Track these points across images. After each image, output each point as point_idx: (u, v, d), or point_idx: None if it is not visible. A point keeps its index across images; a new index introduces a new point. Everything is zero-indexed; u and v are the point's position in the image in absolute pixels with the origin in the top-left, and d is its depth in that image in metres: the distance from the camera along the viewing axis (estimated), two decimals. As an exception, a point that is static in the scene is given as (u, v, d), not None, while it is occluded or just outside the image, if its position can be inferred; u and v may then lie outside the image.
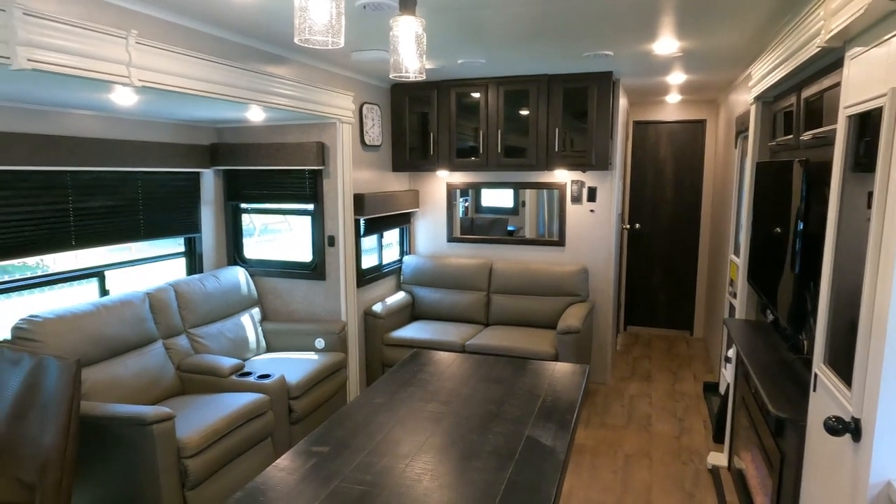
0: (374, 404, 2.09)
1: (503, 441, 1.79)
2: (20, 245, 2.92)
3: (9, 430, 2.24)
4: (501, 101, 4.45)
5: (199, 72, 2.67)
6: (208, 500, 2.82)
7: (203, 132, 4.01)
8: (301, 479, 1.59)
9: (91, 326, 2.98)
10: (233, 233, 4.26)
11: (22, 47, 1.96)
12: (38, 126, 2.94)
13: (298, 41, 1.48)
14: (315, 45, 1.49)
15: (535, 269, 4.66)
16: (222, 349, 3.69)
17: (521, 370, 2.49)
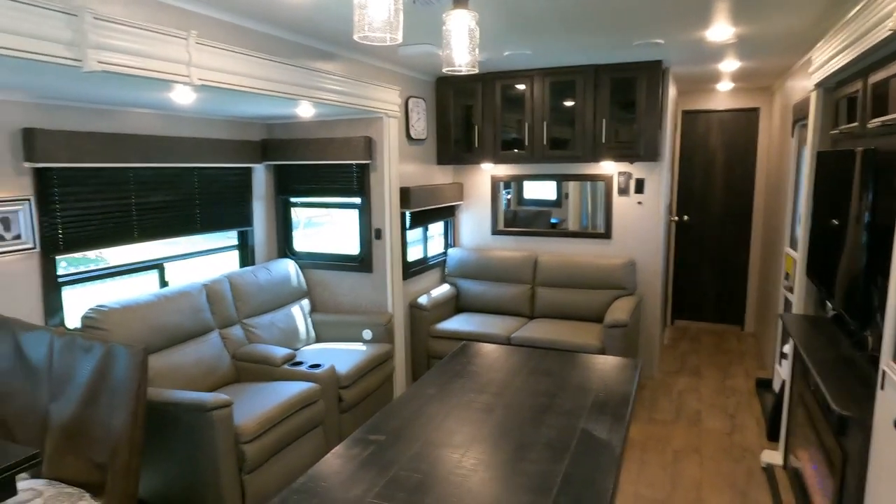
0: (426, 395, 2.13)
1: (557, 434, 1.80)
2: (89, 238, 3.07)
3: (82, 413, 2.37)
4: (547, 92, 4.41)
5: (253, 70, 2.75)
6: (263, 484, 2.92)
7: (254, 128, 4.12)
8: (360, 466, 1.64)
9: (153, 316, 3.12)
10: (283, 226, 4.37)
11: (92, 50, 2.06)
12: (104, 125, 3.09)
13: (358, 38, 1.51)
14: (374, 41, 1.52)
15: (581, 261, 4.62)
16: (274, 339, 3.80)
17: (570, 363, 2.48)
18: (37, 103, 2.79)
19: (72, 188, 2.97)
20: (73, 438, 2.39)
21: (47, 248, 2.87)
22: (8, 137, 2.68)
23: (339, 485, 1.55)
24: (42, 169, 2.82)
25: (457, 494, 1.50)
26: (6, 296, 2.72)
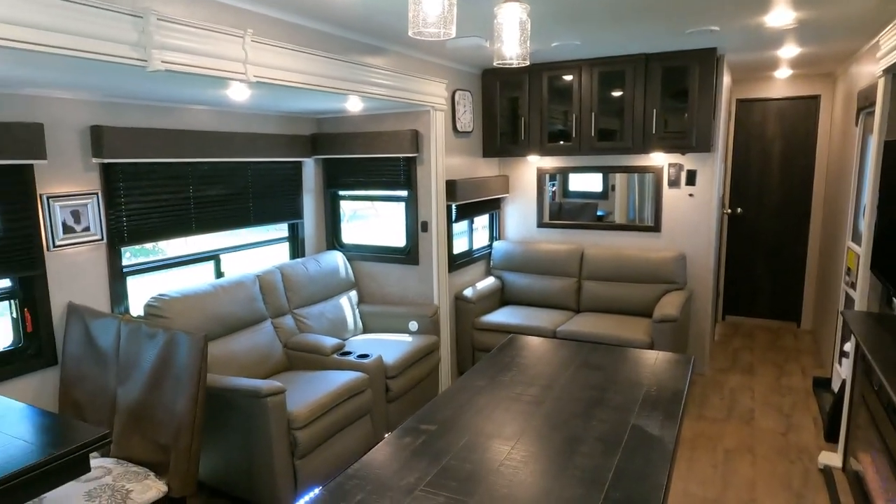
0: (475, 387, 2.15)
1: (608, 428, 1.79)
2: (151, 230, 3.22)
3: (147, 397, 2.50)
4: (595, 82, 4.34)
5: (305, 66, 2.81)
6: (314, 469, 3.01)
7: (305, 123, 4.21)
8: (411, 455, 1.67)
9: (210, 305, 3.25)
10: (331, 219, 4.46)
11: (156, 50, 2.14)
12: (165, 121, 3.22)
13: (412, 34, 1.53)
14: (428, 36, 1.53)
15: (629, 255, 4.54)
16: (323, 329, 3.89)
17: (620, 358, 2.45)
18: (103, 102, 2.93)
19: (135, 182, 3.11)
20: (138, 420, 2.52)
21: (113, 240, 3.02)
22: (78, 135, 2.83)
23: (392, 473, 1.58)
24: (108, 164, 2.96)
25: (507, 486, 1.52)
26: (77, 285, 2.88)
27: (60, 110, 2.76)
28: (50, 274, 2.77)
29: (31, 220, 2.68)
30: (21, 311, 2.72)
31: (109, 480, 2.30)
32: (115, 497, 2.22)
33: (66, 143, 2.79)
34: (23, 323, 2.72)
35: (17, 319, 2.72)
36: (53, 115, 2.73)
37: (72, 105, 2.80)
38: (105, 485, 2.27)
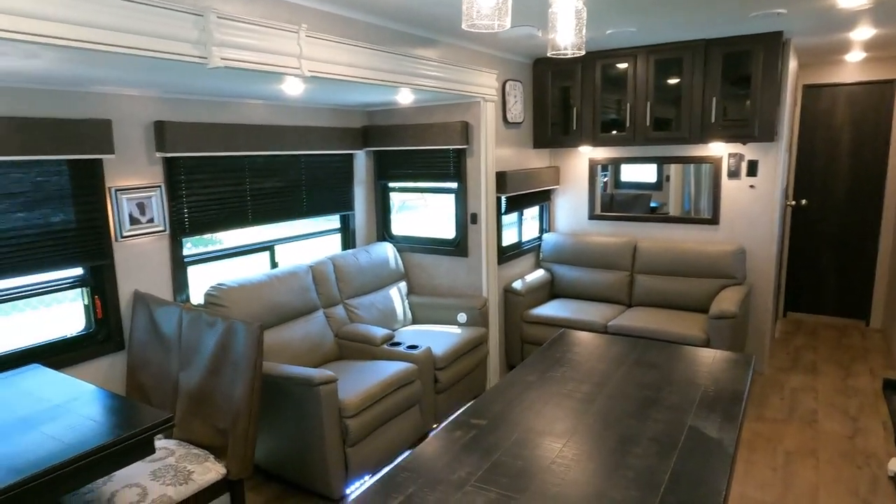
0: (526, 382, 2.13)
1: (663, 429, 1.74)
2: (210, 221, 3.33)
3: (207, 383, 2.60)
4: (651, 70, 4.20)
5: (357, 59, 2.83)
6: (364, 457, 3.07)
7: (356, 116, 4.26)
8: (462, 449, 1.68)
9: (266, 294, 3.34)
10: (382, 210, 4.50)
11: (216, 48, 2.20)
12: (222, 116, 3.32)
13: (466, 27, 1.51)
14: (482, 28, 1.51)
15: (685, 248, 4.40)
16: (373, 319, 3.95)
17: (675, 356, 2.38)
18: (165, 98, 3.04)
19: (195, 175, 3.22)
20: (199, 405, 2.62)
21: (175, 231, 3.14)
22: (143, 130, 2.96)
23: (444, 466, 1.59)
24: (171, 158, 3.08)
25: (559, 485, 1.50)
26: (142, 273, 3.01)
27: (126, 107, 2.88)
28: (118, 263, 2.91)
29: (100, 212, 2.82)
30: (92, 299, 2.87)
31: (172, 461, 2.41)
32: (178, 477, 2.32)
33: (132, 138, 2.92)
34: (93, 309, 2.88)
35: (88, 306, 2.88)
36: (120, 111, 2.85)
37: (137, 101, 2.92)
38: (169, 465, 2.38)
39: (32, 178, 2.59)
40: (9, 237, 2.52)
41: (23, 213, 2.57)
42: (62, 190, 2.69)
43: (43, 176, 2.62)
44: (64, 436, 1.96)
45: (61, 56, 1.98)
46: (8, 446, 1.89)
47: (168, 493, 2.25)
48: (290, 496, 3.05)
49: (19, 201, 2.55)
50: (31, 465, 1.78)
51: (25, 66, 2.15)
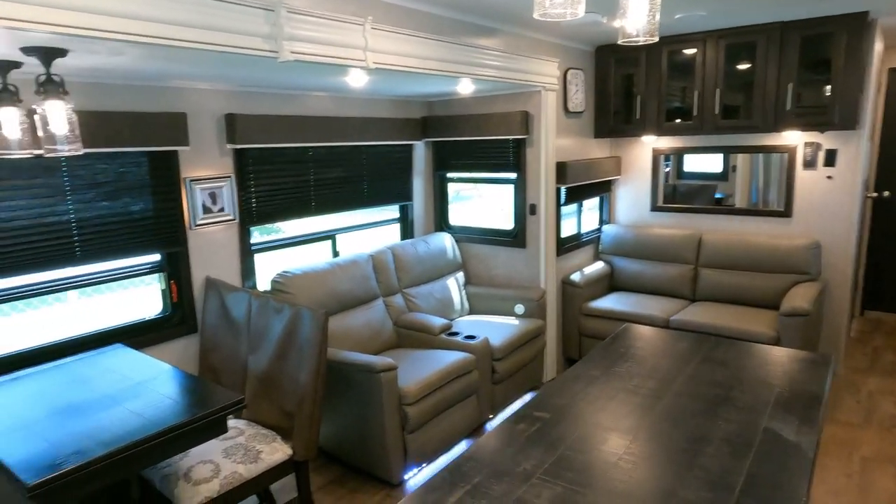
0: (590, 376, 2.10)
1: (736, 429, 1.69)
2: (276, 211, 3.44)
3: (274, 366, 2.69)
4: (721, 56, 4.02)
5: (420, 50, 2.84)
6: (423, 445, 3.11)
7: (416, 106, 4.28)
8: (527, 442, 1.68)
9: (329, 282, 3.43)
10: (440, 201, 4.52)
11: (286, 42, 2.26)
12: (288, 108, 3.40)
13: (538, 16, 1.49)
14: (554, 17, 1.49)
15: (754, 241, 4.21)
16: (431, 309, 3.98)
17: (746, 354, 2.29)
18: (235, 91, 3.15)
19: (263, 166, 3.32)
20: (266, 387, 2.73)
21: (244, 220, 3.26)
22: (215, 122, 3.07)
23: (509, 458, 1.60)
24: (240, 149, 3.19)
25: (626, 482, 1.48)
26: (213, 260, 3.15)
27: (200, 100, 3.00)
28: (191, 250, 3.05)
29: (176, 202, 2.95)
30: (168, 283, 3.02)
31: (243, 440, 2.52)
32: (248, 456, 2.43)
33: (205, 130, 3.04)
34: (170, 294, 3.03)
35: (165, 291, 3.03)
36: (194, 104, 2.98)
37: (209, 95, 3.04)
38: (239, 444, 2.49)
39: (116, 169, 2.74)
40: (94, 224, 2.69)
41: (107, 202, 2.72)
42: (142, 180, 2.84)
43: (125, 167, 2.77)
44: (145, 411, 2.08)
45: (143, 53, 2.08)
46: (96, 420, 2.02)
47: (239, 471, 2.35)
48: (350, 479, 3.14)
49: (104, 191, 2.71)
50: (117, 438, 1.90)
51: (111, 63, 2.27)
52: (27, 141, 2.14)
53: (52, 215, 2.55)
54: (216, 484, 2.28)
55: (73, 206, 2.61)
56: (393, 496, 2.98)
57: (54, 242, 2.56)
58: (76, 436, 1.92)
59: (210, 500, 2.26)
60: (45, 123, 1.97)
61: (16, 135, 2.11)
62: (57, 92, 1.96)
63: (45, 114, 1.96)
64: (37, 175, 2.49)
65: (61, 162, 2.56)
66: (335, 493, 3.03)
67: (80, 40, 1.80)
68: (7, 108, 2.07)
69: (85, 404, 2.15)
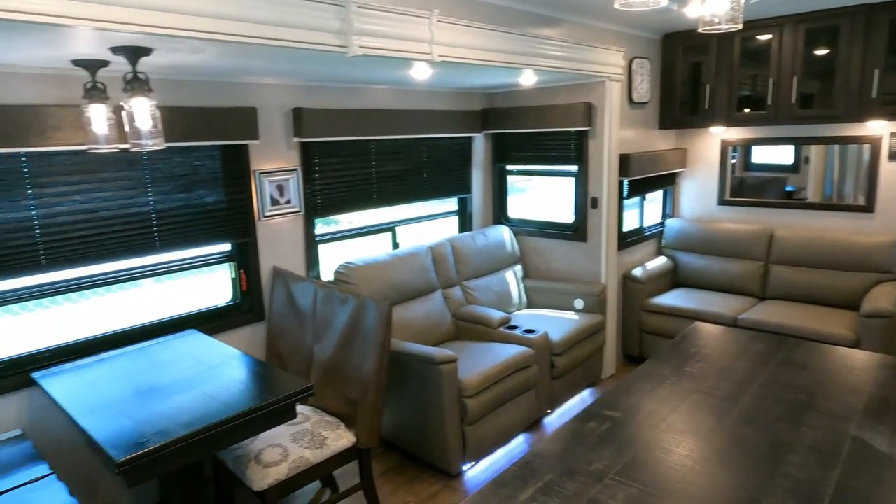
0: (660, 375, 2.05)
1: (822, 437, 1.60)
2: (339, 203, 3.50)
3: (339, 355, 2.75)
4: (800, 41, 3.81)
5: (484, 42, 2.81)
6: (481, 437, 3.12)
7: (476, 98, 4.26)
8: (598, 441, 1.65)
9: (389, 273, 3.47)
10: (498, 193, 4.50)
11: (356, 36, 2.28)
12: (351, 102, 3.45)
13: (619, 6, 1.45)
14: (635, 6, 1.44)
15: (832, 238, 3.99)
16: (489, 302, 3.97)
17: (828, 357, 2.18)
18: (302, 86, 3.21)
19: (327, 159, 3.39)
20: (331, 375, 2.79)
21: (309, 211, 3.34)
22: (283, 117, 3.15)
23: (580, 456, 1.58)
24: (306, 142, 3.26)
25: (705, 487, 1.43)
26: (280, 251, 3.24)
27: (269, 95, 3.08)
28: (259, 240, 3.15)
29: (246, 194, 3.05)
30: (238, 273, 3.13)
31: (309, 426, 2.60)
32: (314, 441, 2.50)
33: (273, 124, 3.12)
34: (239, 283, 3.14)
35: (235, 279, 3.15)
36: (263, 99, 3.06)
37: (277, 90, 3.12)
38: (305, 430, 2.57)
39: (191, 162, 2.86)
40: (172, 215, 2.81)
41: (183, 194, 2.84)
42: (215, 173, 2.95)
43: (199, 160, 2.89)
44: (219, 395, 2.17)
45: (222, 50, 2.15)
46: (175, 402, 2.12)
47: (306, 456, 2.42)
48: (408, 467, 3.18)
49: (180, 183, 2.83)
50: (195, 420, 1.99)
51: (189, 60, 2.35)
52: (113, 136, 2.25)
53: (134, 206, 2.68)
54: (285, 467, 2.35)
55: (153, 197, 2.74)
56: (451, 487, 3.01)
57: (136, 232, 2.70)
58: (158, 416, 2.03)
59: (279, 483, 2.34)
60: (132, 119, 2.06)
61: (103, 130, 2.23)
62: (143, 89, 2.05)
63: (131, 110, 2.05)
64: (121, 168, 2.63)
65: (143, 156, 2.68)
66: (394, 480, 3.08)
67: (165, 39, 1.88)
68: (96, 105, 2.19)
69: (164, 386, 2.27)
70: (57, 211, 2.46)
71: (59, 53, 2.06)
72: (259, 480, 2.30)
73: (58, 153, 2.44)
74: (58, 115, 2.34)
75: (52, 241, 2.46)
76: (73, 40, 1.86)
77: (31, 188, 2.39)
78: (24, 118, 2.26)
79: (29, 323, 2.81)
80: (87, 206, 2.54)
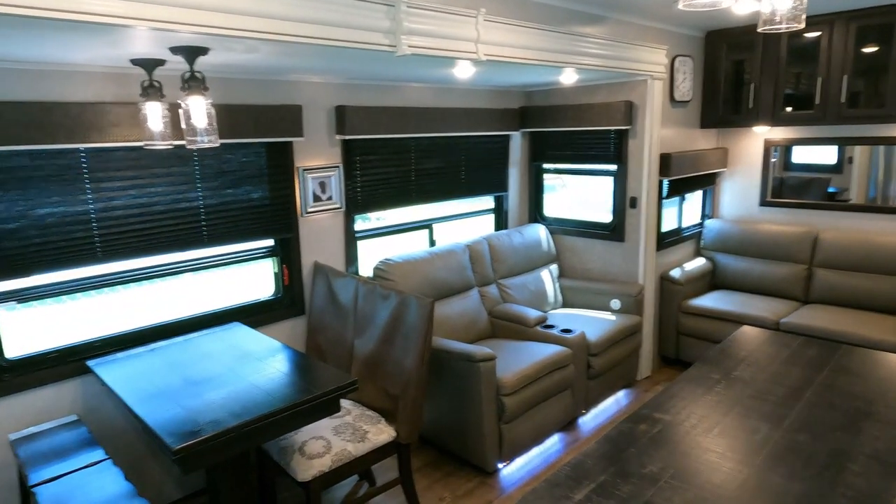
0: (710, 379, 2.03)
1: (884, 447, 1.57)
2: (379, 199, 3.54)
3: (380, 350, 2.79)
4: (851, 39, 3.70)
5: (527, 40, 2.80)
6: (518, 435, 3.12)
7: (514, 97, 4.25)
8: (651, 442, 1.64)
9: (427, 270, 3.49)
10: (535, 192, 4.48)
11: (405, 36, 2.30)
12: (392, 100, 3.48)
13: (683, 7, 1.44)
14: (698, 7, 1.43)
15: (882, 241, 3.87)
16: (525, 300, 3.97)
17: (885, 364, 2.12)
18: (344, 84, 3.25)
19: (368, 157, 3.42)
20: (372, 370, 2.83)
21: (349, 208, 3.38)
22: (326, 114, 3.19)
23: (633, 458, 1.57)
24: (348, 140, 3.30)
25: (765, 495, 1.41)
26: (321, 246, 3.29)
27: (313, 93, 3.12)
28: (302, 236, 3.20)
29: (290, 190, 3.10)
30: (281, 267, 3.19)
31: (350, 420, 2.63)
32: (356, 435, 2.53)
33: (317, 121, 3.16)
34: (282, 277, 3.20)
35: (278, 274, 3.20)
36: (307, 97, 3.10)
37: (321, 88, 3.16)
38: (347, 423, 2.60)
39: (239, 159, 2.92)
40: (220, 210, 2.88)
41: (231, 190, 2.91)
42: (261, 169, 3.00)
43: (247, 157, 2.94)
44: (266, 386, 2.22)
45: (275, 50, 2.19)
46: (225, 392, 2.18)
47: (348, 449, 2.46)
48: (445, 463, 3.20)
49: (228, 179, 2.89)
50: (246, 410, 2.03)
51: (241, 59, 2.40)
52: (168, 133, 2.32)
53: (184, 201, 2.75)
54: (328, 459, 2.39)
55: (202, 192, 2.81)
56: (487, 484, 3.02)
57: (185, 226, 2.77)
58: (209, 405, 2.08)
59: (322, 474, 2.38)
60: (188, 117, 2.12)
61: (159, 127, 2.29)
62: (199, 88, 2.10)
63: (188, 108, 2.11)
64: (172, 164, 2.70)
65: (193, 153, 2.75)
66: (430, 476, 3.11)
67: (222, 39, 1.92)
68: (153, 102, 2.26)
69: (213, 376, 2.32)
70: (113, 205, 2.54)
71: (119, 53, 2.13)
72: (304, 471, 2.35)
73: (115, 149, 2.51)
74: (116, 112, 2.41)
75: (108, 233, 2.54)
76: (134, 40, 1.91)
77: (90, 182, 2.47)
78: (85, 115, 2.34)
79: (83, 312, 2.90)
80: (141, 201, 2.62)
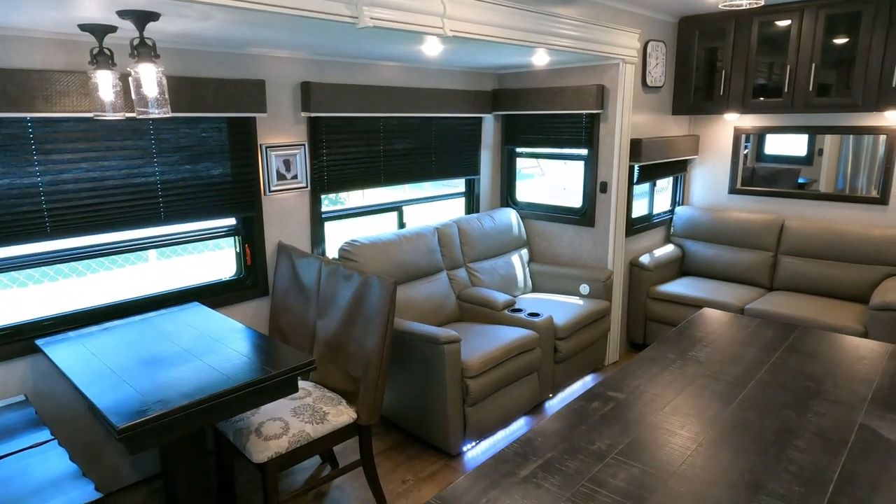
0: (666, 359, 2.03)
1: (829, 424, 1.58)
2: (346, 180, 3.47)
3: (342, 332, 2.74)
4: (820, 28, 3.72)
5: (497, 18, 2.76)
6: (482, 418, 3.12)
7: (486, 78, 4.20)
8: (602, 420, 1.64)
9: (395, 253, 3.45)
10: (507, 176, 4.45)
11: (367, 7, 2.24)
12: (360, 78, 3.41)
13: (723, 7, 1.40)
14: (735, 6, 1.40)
15: (844, 230, 3.93)
16: (494, 284, 3.95)
17: (838, 346, 2.15)
18: (310, 59, 3.17)
19: (335, 135, 3.35)
20: (334, 352, 2.78)
21: (315, 188, 3.31)
22: (291, 90, 3.11)
23: (582, 435, 1.56)
24: (314, 118, 3.22)
25: (710, 469, 1.41)
26: (285, 226, 3.22)
27: (277, 68, 3.04)
28: (265, 215, 3.13)
29: (252, 168, 3.03)
30: (243, 247, 3.12)
31: (310, 401, 2.59)
32: (315, 416, 2.49)
33: (281, 97, 3.08)
34: (244, 257, 3.13)
35: (239, 253, 3.13)
36: (271, 72, 3.02)
37: (286, 63, 3.08)
38: (307, 405, 2.56)
39: (198, 134, 2.83)
40: (177, 186, 2.79)
41: (189, 166, 2.82)
42: (222, 145, 2.92)
43: (207, 132, 2.86)
44: (221, 367, 2.17)
45: (230, 18, 2.11)
46: (177, 372, 2.12)
47: (306, 430, 2.42)
48: (409, 446, 3.18)
49: (187, 154, 2.81)
50: (197, 390, 1.98)
51: (197, 28, 2.32)
52: (119, 104, 2.23)
53: (139, 176, 2.67)
54: (285, 441, 2.35)
55: (159, 168, 2.72)
56: (450, 466, 3.01)
57: (141, 202, 2.69)
58: (160, 385, 2.02)
59: (279, 456, 2.34)
60: (138, 86, 2.04)
61: (110, 97, 2.20)
62: (149, 55, 2.02)
63: (138, 76, 2.03)
64: (127, 137, 2.61)
65: (149, 125, 2.66)
66: (394, 458, 3.09)
67: (173, 4, 1.84)
68: (103, 71, 2.16)
69: (167, 356, 2.26)
70: (62, 178, 2.45)
71: (64, 16, 2.03)
72: (259, 453, 2.30)
73: (64, 119, 2.42)
74: (64, 80, 2.32)
75: (57, 208, 2.45)
76: (78, 1, 1.82)
77: (37, 154, 2.37)
78: (30, 83, 2.24)
79: (35, 292, 2.81)
80: (93, 175, 2.53)
